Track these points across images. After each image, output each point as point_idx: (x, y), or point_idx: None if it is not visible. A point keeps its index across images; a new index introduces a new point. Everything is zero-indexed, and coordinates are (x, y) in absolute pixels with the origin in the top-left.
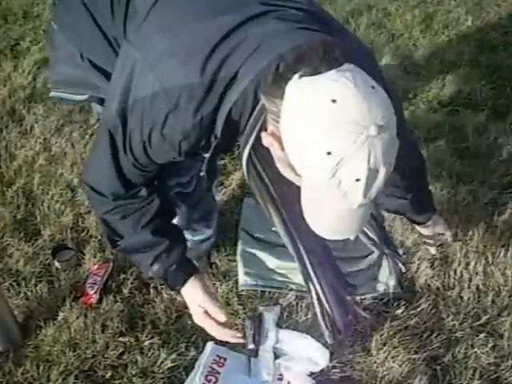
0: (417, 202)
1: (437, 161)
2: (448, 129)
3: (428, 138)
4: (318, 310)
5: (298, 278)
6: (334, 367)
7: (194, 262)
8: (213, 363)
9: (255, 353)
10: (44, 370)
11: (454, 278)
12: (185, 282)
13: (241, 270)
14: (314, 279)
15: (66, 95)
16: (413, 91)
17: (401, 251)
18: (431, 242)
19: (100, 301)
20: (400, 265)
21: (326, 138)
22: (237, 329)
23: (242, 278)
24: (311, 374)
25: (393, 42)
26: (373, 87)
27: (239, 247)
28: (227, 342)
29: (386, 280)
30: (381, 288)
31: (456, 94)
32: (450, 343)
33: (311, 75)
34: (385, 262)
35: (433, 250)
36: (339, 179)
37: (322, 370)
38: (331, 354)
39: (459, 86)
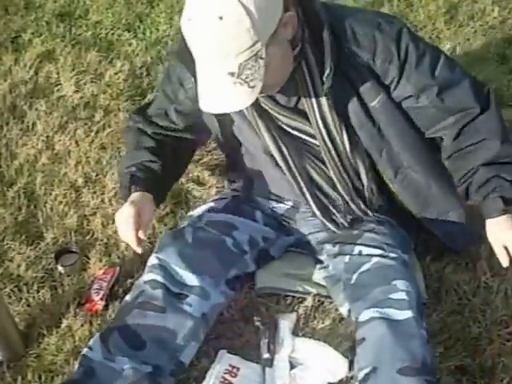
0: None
1: None
2: None
3: None
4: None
5: (315, 282)
6: (352, 377)
7: None
8: (225, 373)
9: (270, 362)
10: (46, 380)
11: (481, 284)
12: (147, 191)
13: (257, 273)
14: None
15: None
16: None
17: None
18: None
19: (106, 307)
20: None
21: None
22: (251, 337)
23: (260, 281)
24: None
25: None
26: None
27: None
28: (240, 351)
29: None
30: None
31: None
32: (475, 352)
33: None
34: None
35: (504, 262)
36: None
37: (341, 381)
38: (350, 362)
39: (486, 81)
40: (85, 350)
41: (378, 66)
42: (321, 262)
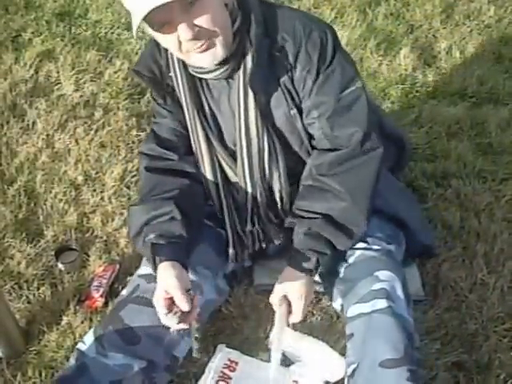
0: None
1: (458, 157)
2: (470, 124)
3: (449, 134)
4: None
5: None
6: None
7: None
8: (224, 367)
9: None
10: (47, 376)
11: (477, 280)
12: (167, 260)
13: (255, 270)
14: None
15: None
16: (433, 84)
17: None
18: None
19: (106, 304)
20: None
21: None
22: (249, 333)
23: (258, 278)
24: (327, 383)
25: (412, 33)
26: None
27: None
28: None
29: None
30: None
31: (478, 87)
32: (472, 348)
33: None
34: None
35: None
36: None
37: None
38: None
39: (481, 80)
40: (79, 345)
41: (297, 73)
42: None
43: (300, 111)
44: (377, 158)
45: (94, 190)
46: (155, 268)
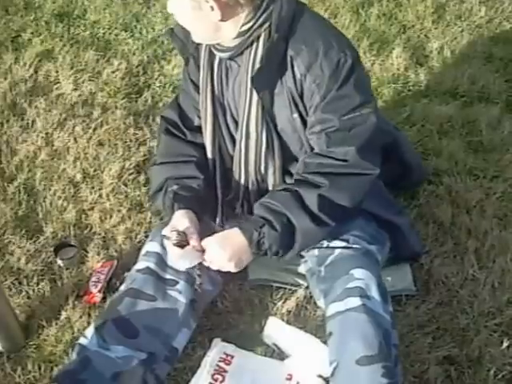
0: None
1: (449, 155)
2: (461, 122)
3: (440, 132)
4: None
5: (304, 276)
6: None
7: None
8: (220, 361)
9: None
10: (46, 370)
11: (468, 276)
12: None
13: (250, 265)
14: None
15: None
16: (424, 84)
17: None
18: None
19: (104, 300)
20: None
21: None
22: (245, 328)
23: (252, 273)
24: (320, 376)
25: (404, 33)
26: None
27: None
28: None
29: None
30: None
31: (469, 86)
32: (463, 343)
33: None
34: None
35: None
36: None
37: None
38: None
39: (472, 79)
40: (81, 340)
41: (307, 83)
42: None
43: (302, 117)
44: (367, 178)
45: (93, 188)
46: (172, 213)
